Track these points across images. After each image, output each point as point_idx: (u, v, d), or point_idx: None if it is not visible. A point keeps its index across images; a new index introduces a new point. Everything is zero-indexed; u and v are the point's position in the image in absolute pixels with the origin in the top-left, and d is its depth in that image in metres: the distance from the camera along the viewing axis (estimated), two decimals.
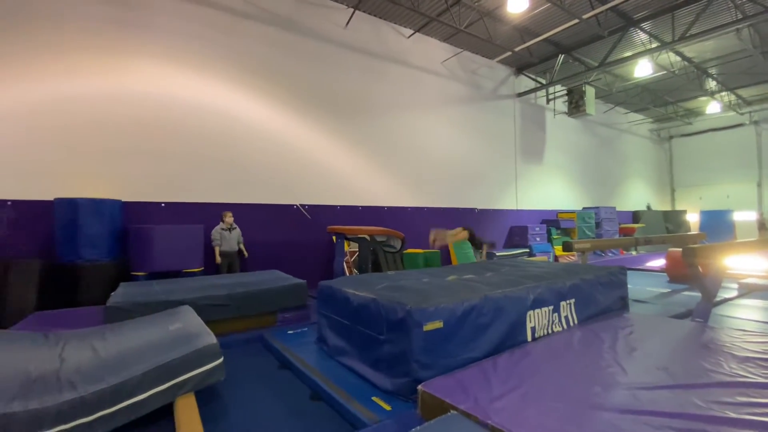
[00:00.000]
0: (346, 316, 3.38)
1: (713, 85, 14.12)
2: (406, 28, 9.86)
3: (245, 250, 6.92)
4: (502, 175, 12.24)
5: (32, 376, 2.34)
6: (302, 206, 8.05)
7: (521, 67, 12.50)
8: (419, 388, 2.39)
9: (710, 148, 18.35)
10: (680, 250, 4.30)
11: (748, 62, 12.26)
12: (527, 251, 11.29)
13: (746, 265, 6.70)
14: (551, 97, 13.62)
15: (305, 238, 8.01)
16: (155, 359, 2.50)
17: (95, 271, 5.39)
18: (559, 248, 11.42)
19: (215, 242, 6.56)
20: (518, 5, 8.10)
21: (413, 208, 9.87)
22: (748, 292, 5.84)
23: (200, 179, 6.99)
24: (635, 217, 16.91)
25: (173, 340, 2.81)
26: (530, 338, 3.23)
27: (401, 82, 9.82)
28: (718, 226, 15.35)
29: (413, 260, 8.36)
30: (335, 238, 6.91)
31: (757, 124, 16.87)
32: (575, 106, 12.40)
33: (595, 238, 12.93)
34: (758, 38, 10.78)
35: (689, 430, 1.79)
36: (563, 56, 11.31)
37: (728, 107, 15.69)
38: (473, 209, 11.23)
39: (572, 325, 3.62)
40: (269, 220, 7.62)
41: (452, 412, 2.06)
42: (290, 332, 4.35)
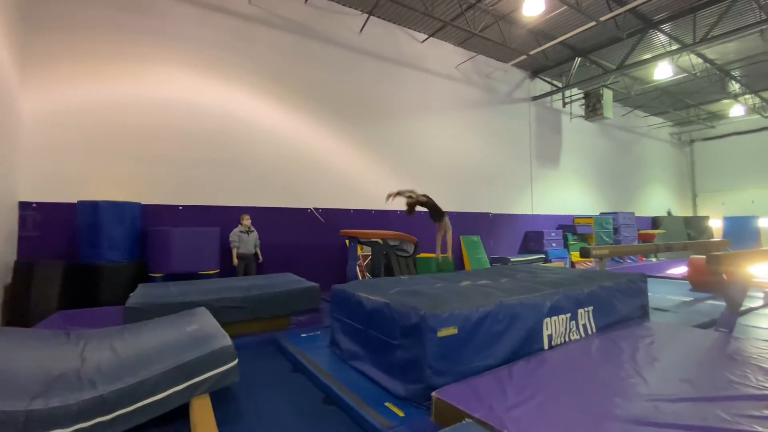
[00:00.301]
0: (359, 320, 3.37)
1: (736, 87, 13.71)
2: (420, 32, 9.87)
3: (260, 254, 6.98)
4: (516, 179, 12.10)
5: (54, 374, 2.40)
6: (316, 210, 8.11)
7: (536, 70, 12.37)
8: (433, 394, 2.37)
9: (734, 152, 17.81)
10: (703, 257, 4.17)
11: None
12: (543, 257, 11.11)
13: None
14: (567, 100, 13.43)
15: (319, 241, 8.05)
16: (172, 360, 2.53)
17: (115, 271, 5.53)
18: (575, 254, 11.20)
19: (233, 244, 6.63)
20: (534, 8, 8.03)
21: (426, 212, 9.80)
22: None
23: (217, 183, 7.11)
24: (655, 223, 16.50)
25: (190, 341, 2.85)
26: (547, 346, 3.18)
27: (415, 86, 9.83)
28: (742, 232, 14.85)
29: (426, 265, 8.31)
30: (348, 241, 6.93)
31: None
32: (592, 109, 12.19)
33: (612, 244, 12.67)
34: None
35: None
36: (580, 59, 11.15)
37: (752, 110, 15.23)
38: (487, 213, 11.12)
39: (590, 333, 3.54)
40: (284, 223, 7.70)
41: (467, 420, 2.03)
42: (303, 335, 4.37)
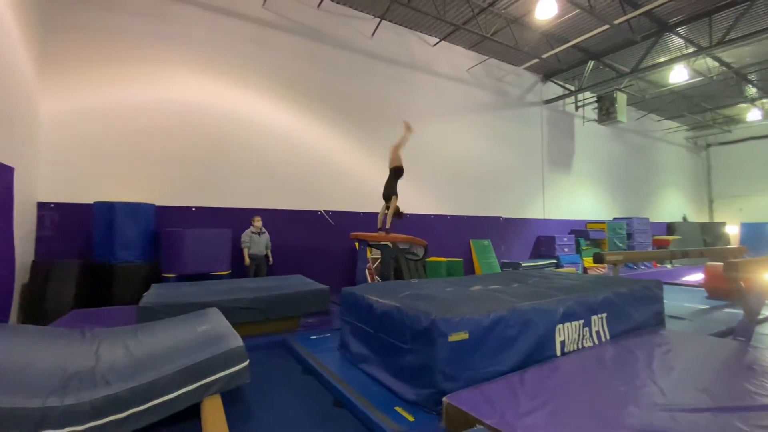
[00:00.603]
0: (369, 323, 3.36)
1: (753, 91, 13.44)
2: (431, 36, 9.89)
3: (271, 256, 7.03)
4: (528, 183, 12.00)
5: (69, 372, 2.45)
6: (326, 212, 8.14)
7: (549, 73, 12.29)
8: (444, 400, 2.35)
9: (751, 157, 17.42)
10: (720, 264, 4.08)
11: None
12: (554, 262, 10.98)
13: None
14: (580, 104, 13.30)
15: (328, 244, 8.08)
16: (185, 359, 2.56)
17: (129, 271, 5.62)
18: (588, 260, 11.03)
19: (245, 244, 6.69)
20: (546, 12, 7.97)
21: (436, 215, 9.80)
22: None
23: (229, 185, 7.19)
24: (670, 228, 16.19)
25: (202, 341, 2.87)
26: (559, 353, 3.12)
27: (426, 90, 9.83)
28: (760, 239, 14.51)
29: (436, 269, 8.28)
30: (358, 244, 6.93)
31: None
32: (606, 113, 12.06)
33: (626, 249, 12.46)
34: None
35: None
36: (593, 62, 11.05)
37: None
38: (498, 218, 11.05)
39: (604, 340, 3.48)
40: (295, 225, 7.75)
41: (478, 426, 2.01)
42: (313, 338, 4.38)
